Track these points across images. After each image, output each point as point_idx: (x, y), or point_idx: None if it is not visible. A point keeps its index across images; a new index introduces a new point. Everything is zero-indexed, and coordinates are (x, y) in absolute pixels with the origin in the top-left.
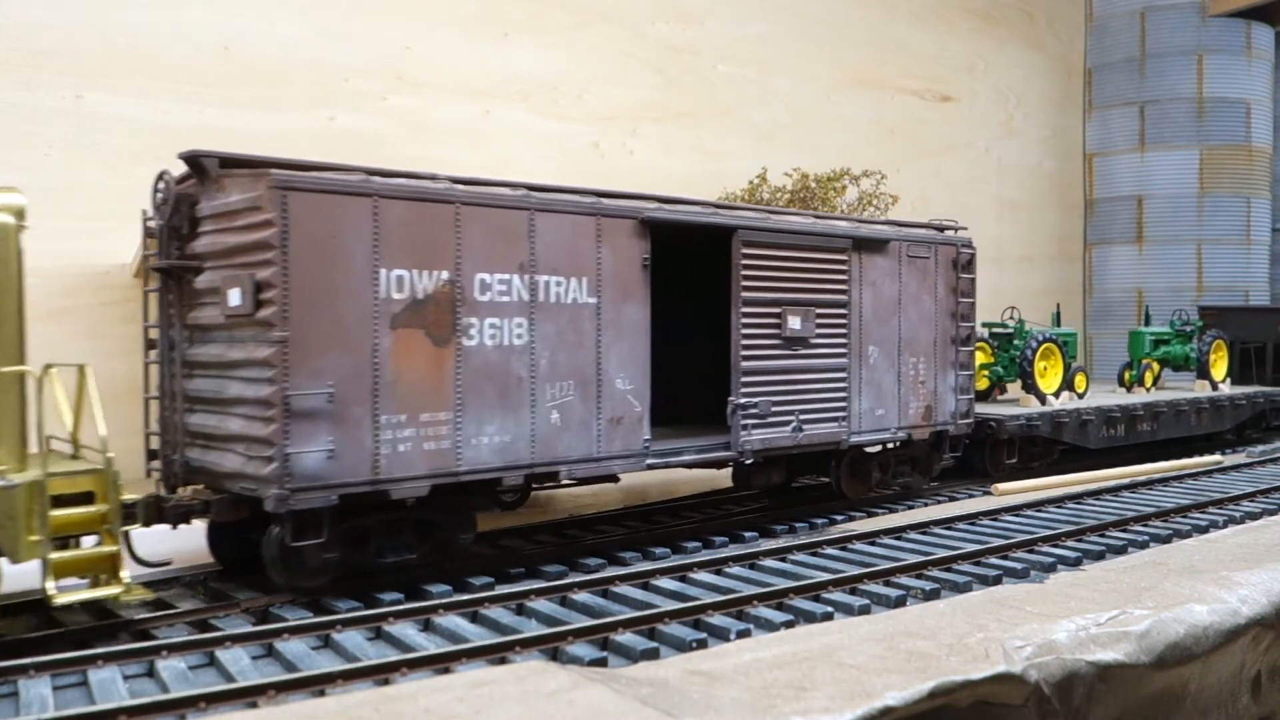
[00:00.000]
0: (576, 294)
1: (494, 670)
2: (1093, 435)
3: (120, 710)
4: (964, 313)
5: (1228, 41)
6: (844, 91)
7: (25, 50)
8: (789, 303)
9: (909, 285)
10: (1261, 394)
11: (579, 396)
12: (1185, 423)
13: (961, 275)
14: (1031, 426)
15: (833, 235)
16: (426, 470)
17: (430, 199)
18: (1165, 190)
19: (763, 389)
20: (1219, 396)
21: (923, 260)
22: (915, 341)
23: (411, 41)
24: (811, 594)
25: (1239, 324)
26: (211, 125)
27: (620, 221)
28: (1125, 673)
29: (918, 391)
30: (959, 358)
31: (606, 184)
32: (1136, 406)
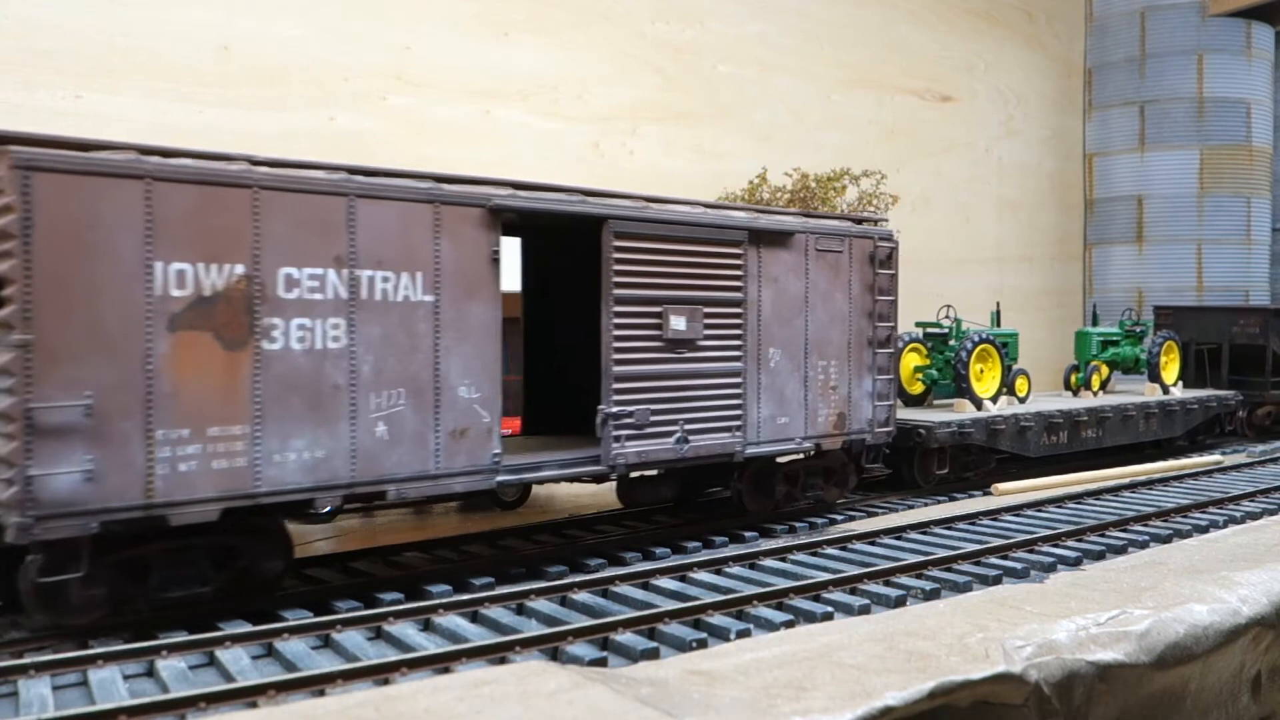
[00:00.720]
0: (409, 291)
1: (494, 670)
2: (1032, 443)
3: (120, 710)
4: (883, 312)
5: (1228, 41)
6: (844, 91)
7: (25, 50)
8: (672, 301)
9: (818, 282)
10: (1214, 397)
11: (412, 406)
12: (1133, 428)
13: (880, 271)
14: (964, 434)
15: (724, 227)
16: (216, 492)
17: (221, 183)
18: (1165, 190)
19: (640, 396)
20: (1169, 401)
21: (834, 255)
22: (825, 343)
23: (411, 41)
24: (811, 594)
25: (1194, 324)
26: (211, 125)
27: (463, 210)
28: (1125, 673)
29: (828, 398)
30: (877, 361)
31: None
32: (1080, 412)
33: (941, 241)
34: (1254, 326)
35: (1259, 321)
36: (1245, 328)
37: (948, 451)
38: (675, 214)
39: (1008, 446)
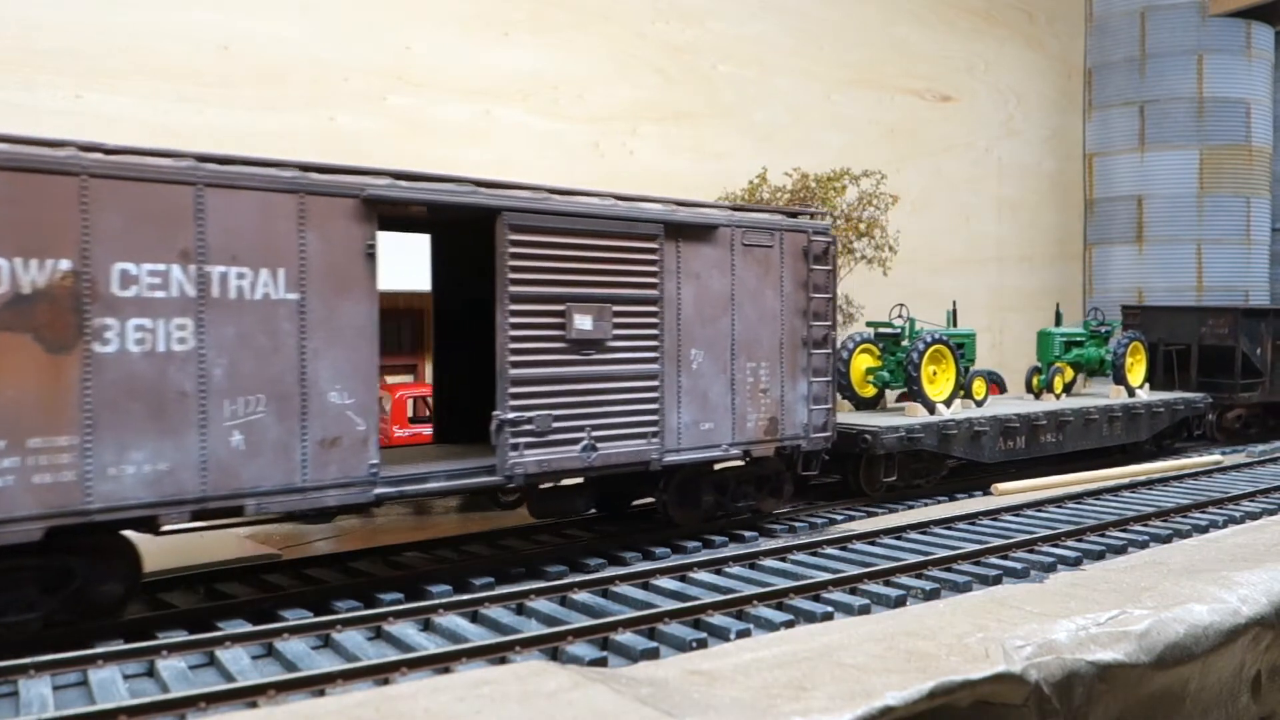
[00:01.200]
0: (269, 288)
1: (494, 670)
2: (987, 448)
3: (120, 710)
4: (819, 310)
5: (1228, 41)
6: (844, 91)
7: (25, 50)
8: (577, 299)
9: (745, 279)
10: (1182, 400)
11: (274, 414)
12: (1095, 433)
13: (814, 267)
14: (912, 439)
15: (636, 220)
16: (38, 509)
17: (39, 169)
18: (1165, 190)
19: (541, 401)
20: (1134, 404)
21: (764, 250)
22: (755, 344)
23: (411, 41)
24: (811, 594)
25: (1162, 325)
26: (211, 125)
27: (333, 200)
28: (1125, 672)
29: (758, 402)
30: (813, 362)
31: (608, 184)
32: (1038, 415)
33: (941, 241)
34: (1223, 327)
35: (1228, 322)
36: (1214, 328)
37: (895, 458)
38: (580, 206)
39: (961, 452)
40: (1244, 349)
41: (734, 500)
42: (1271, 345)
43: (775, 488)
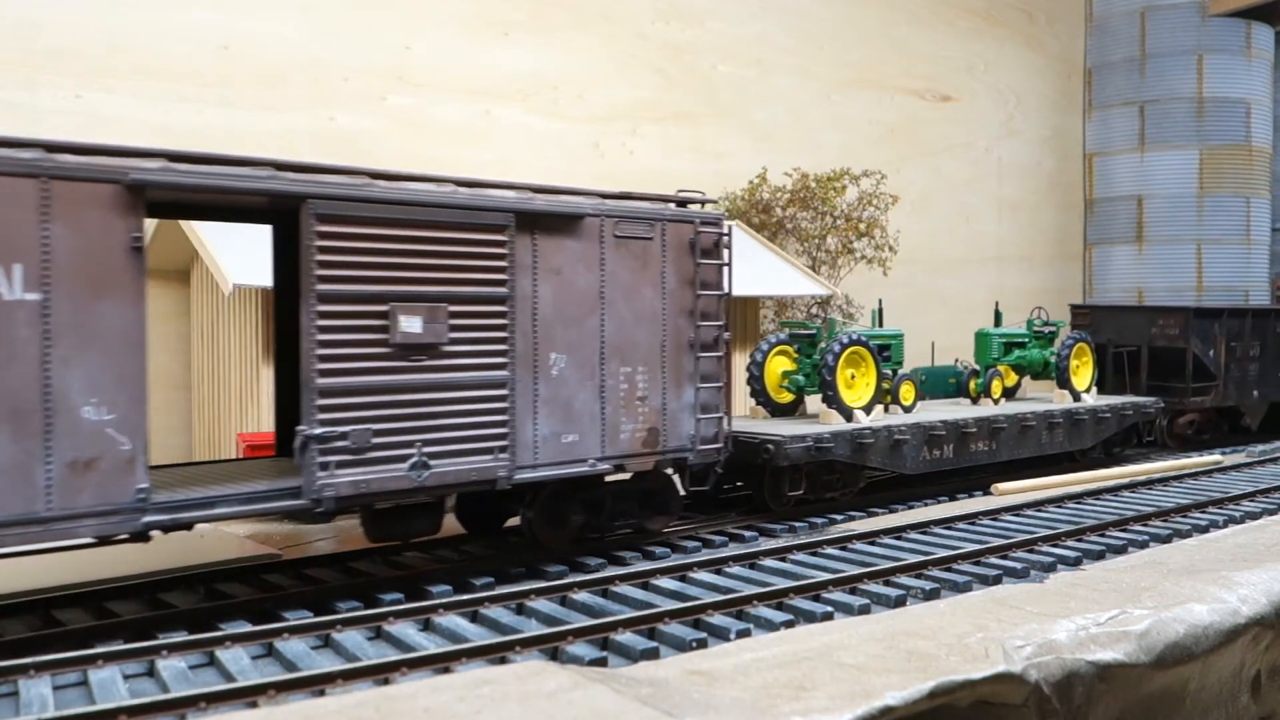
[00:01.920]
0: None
1: (494, 670)
2: (909, 458)
3: (120, 710)
4: (708, 310)
5: (1228, 41)
6: (844, 91)
7: (25, 50)
8: (403, 298)
9: (619, 274)
10: (1131, 404)
11: (6, 433)
12: (1034, 440)
13: (703, 262)
14: (821, 449)
15: (478, 209)
16: None
17: None
18: (1165, 190)
19: (359, 414)
20: (1077, 409)
21: (641, 243)
22: (630, 347)
23: (411, 41)
24: (811, 594)
25: (1112, 325)
26: (211, 125)
27: (86, 186)
28: (1125, 672)
29: (635, 411)
30: (700, 367)
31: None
32: (967, 422)
33: (941, 241)
34: (1174, 328)
35: (1179, 322)
36: (1165, 329)
37: (802, 470)
38: (408, 193)
39: (880, 463)
40: (1196, 351)
41: (612, 519)
42: (1225, 347)
43: (662, 504)
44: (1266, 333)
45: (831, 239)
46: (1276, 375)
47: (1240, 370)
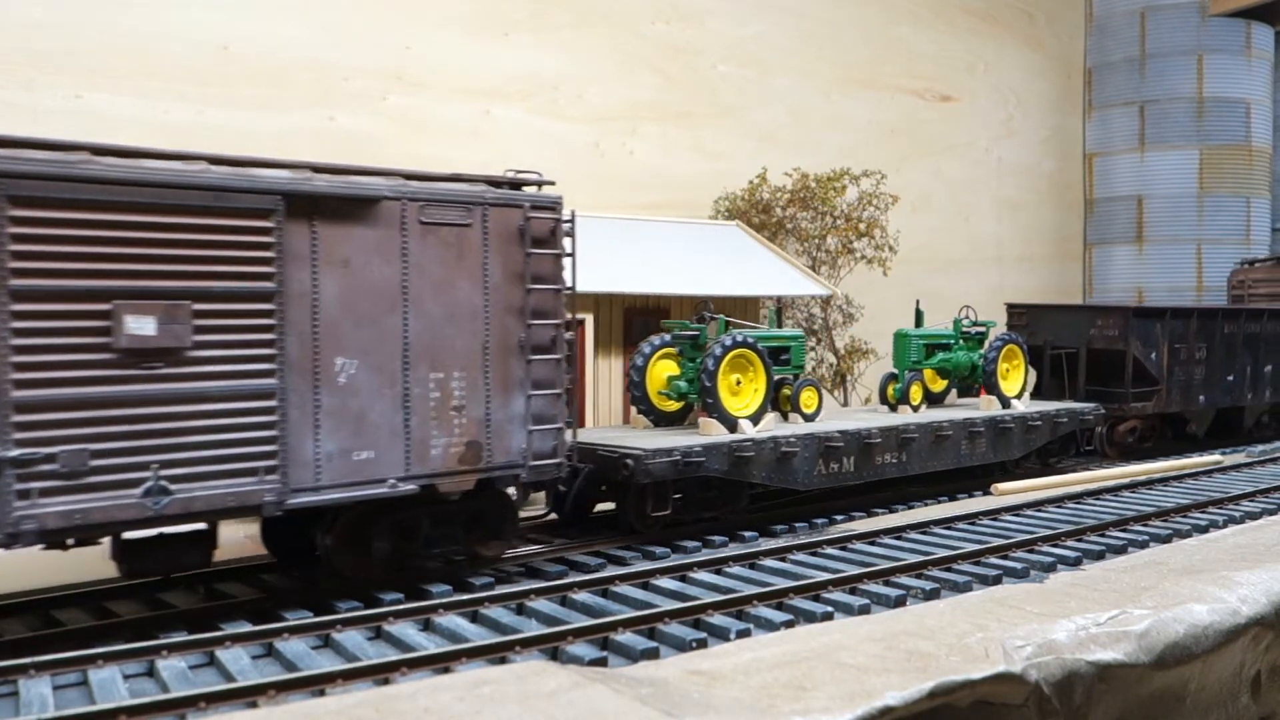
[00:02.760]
0: None
1: (494, 670)
2: (801, 472)
3: (120, 710)
4: (542, 307)
5: (1228, 41)
6: (844, 91)
7: (25, 50)
8: (132, 295)
9: (427, 267)
10: (1065, 411)
11: None
12: (951, 451)
13: (536, 252)
14: (691, 464)
15: (235, 190)
16: None
17: None
18: (1165, 190)
19: (71, 431)
20: (1002, 416)
21: (456, 230)
22: (442, 350)
23: (411, 41)
24: (811, 594)
25: (1050, 326)
26: (211, 125)
27: None
28: (1125, 672)
29: (449, 422)
30: (534, 372)
31: (608, 185)
32: (871, 432)
33: (941, 241)
34: (1113, 328)
35: (1118, 323)
36: (1103, 330)
37: (670, 487)
38: (137, 172)
39: (765, 478)
40: (1136, 353)
41: (432, 545)
42: (1168, 349)
43: (494, 528)
44: (1213, 334)
45: (831, 239)
46: (1224, 379)
47: (1185, 374)
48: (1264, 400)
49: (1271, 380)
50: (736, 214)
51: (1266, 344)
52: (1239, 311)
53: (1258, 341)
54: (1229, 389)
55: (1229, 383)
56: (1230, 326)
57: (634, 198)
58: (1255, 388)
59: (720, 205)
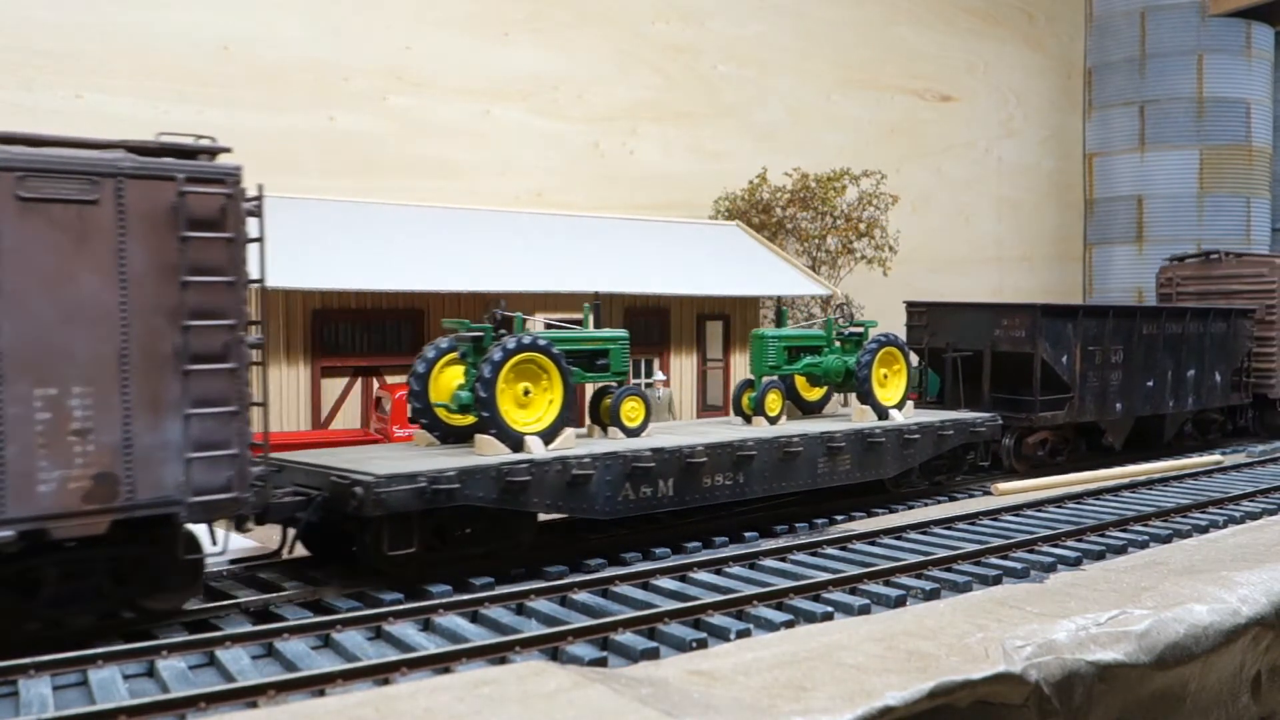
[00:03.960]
0: None
1: (494, 670)
2: (600, 498)
3: (120, 710)
4: (209, 306)
5: (1228, 41)
6: (844, 91)
7: (25, 50)
8: None
9: (30, 255)
10: (952, 422)
11: None
12: (804, 471)
13: (195, 236)
14: (442, 492)
15: None
16: None
17: None
18: (1165, 190)
19: None
20: (872, 429)
21: (74, 208)
22: (55, 360)
23: (411, 41)
24: (811, 594)
25: (953, 326)
26: (211, 125)
27: None
28: (1125, 672)
29: (66, 451)
30: (193, 388)
31: (608, 185)
32: (695, 450)
33: (941, 241)
34: (1020, 329)
35: (1025, 323)
36: (1009, 331)
37: (415, 520)
38: None
39: (551, 505)
40: (1045, 356)
41: (64, 603)
42: (1081, 352)
43: (157, 577)
44: (1132, 336)
45: (831, 239)
46: (1143, 385)
47: (1100, 380)
48: (1187, 408)
49: (1195, 386)
50: (736, 214)
51: (1190, 346)
52: (1159, 311)
53: (1180, 344)
54: (1149, 396)
55: (1149, 389)
56: (1150, 327)
57: (634, 198)
58: (1177, 394)
59: (720, 205)
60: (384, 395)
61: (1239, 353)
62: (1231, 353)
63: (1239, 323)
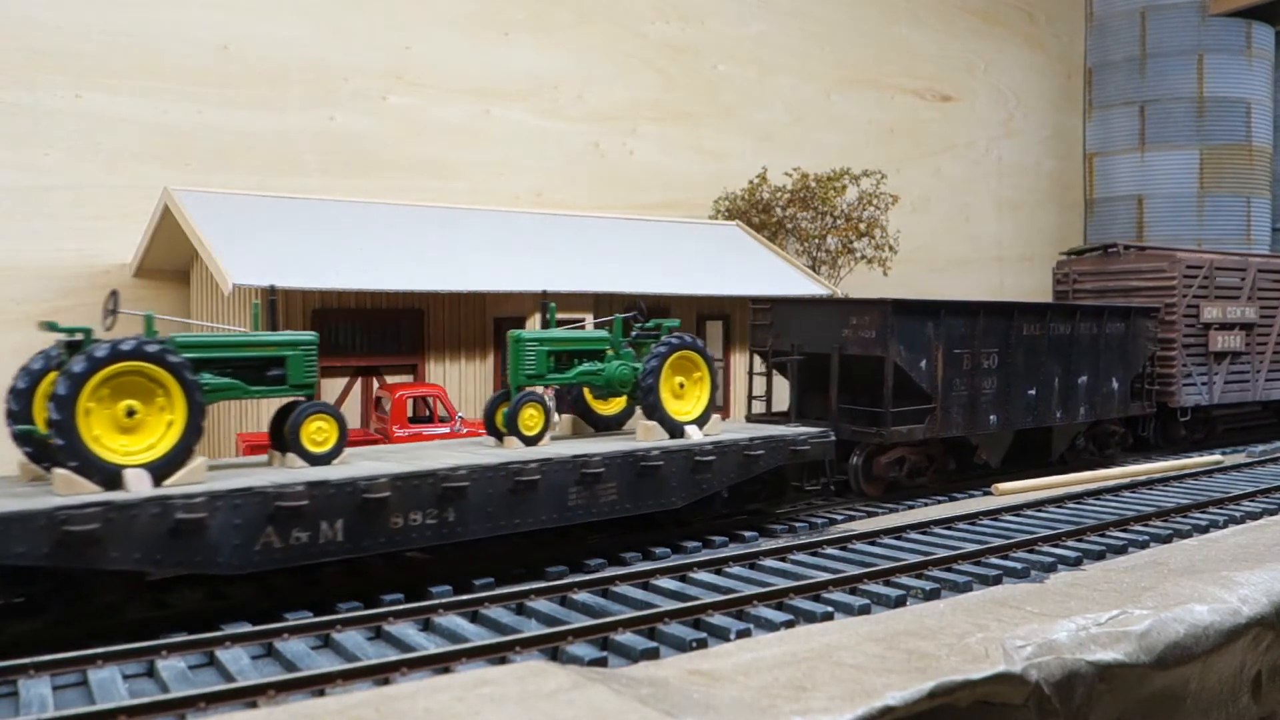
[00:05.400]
0: None
1: (494, 670)
2: (224, 548)
3: (120, 710)
4: None
5: (1228, 41)
6: (844, 91)
7: (25, 50)
8: None
9: None
10: (764, 440)
11: None
12: (548, 503)
13: None
14: None
15: None
16: None
17: None
18: (1165, 190)
19: None
20: (648, 451)
21: None
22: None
23: (411, 41)
24: (812, 594)
25: (800, 327)
26: (211, 125)
27: None
28: (1125, 673)
29: None
30: None
31: (608, 185)
32: (377, 483)
33: (941, 241)
34: (869, 329)
35: (875, 321)
36: (858, 331)
37: None
38: None
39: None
40: (899, 361)
41: None
42: (944, 356)
43: None
44: (1009, 338)
45: (831, 239)
46: (1024, 394)
47: (969, 388)
48: (1079, 419)
49: (1088, 395)
50: (736, 214)
51: (1082, 350)
52: (1044, 309)
53: (1070, 347)
54: (1032, 407)
55: (1031, 399)
56: (1032, 328)
57: (634, 198)
58: (1067, 405)
59: (720, 205)
60: (384, 395)
61: (1140, 357)
62: (1131, 357)
63: (1140, 323)
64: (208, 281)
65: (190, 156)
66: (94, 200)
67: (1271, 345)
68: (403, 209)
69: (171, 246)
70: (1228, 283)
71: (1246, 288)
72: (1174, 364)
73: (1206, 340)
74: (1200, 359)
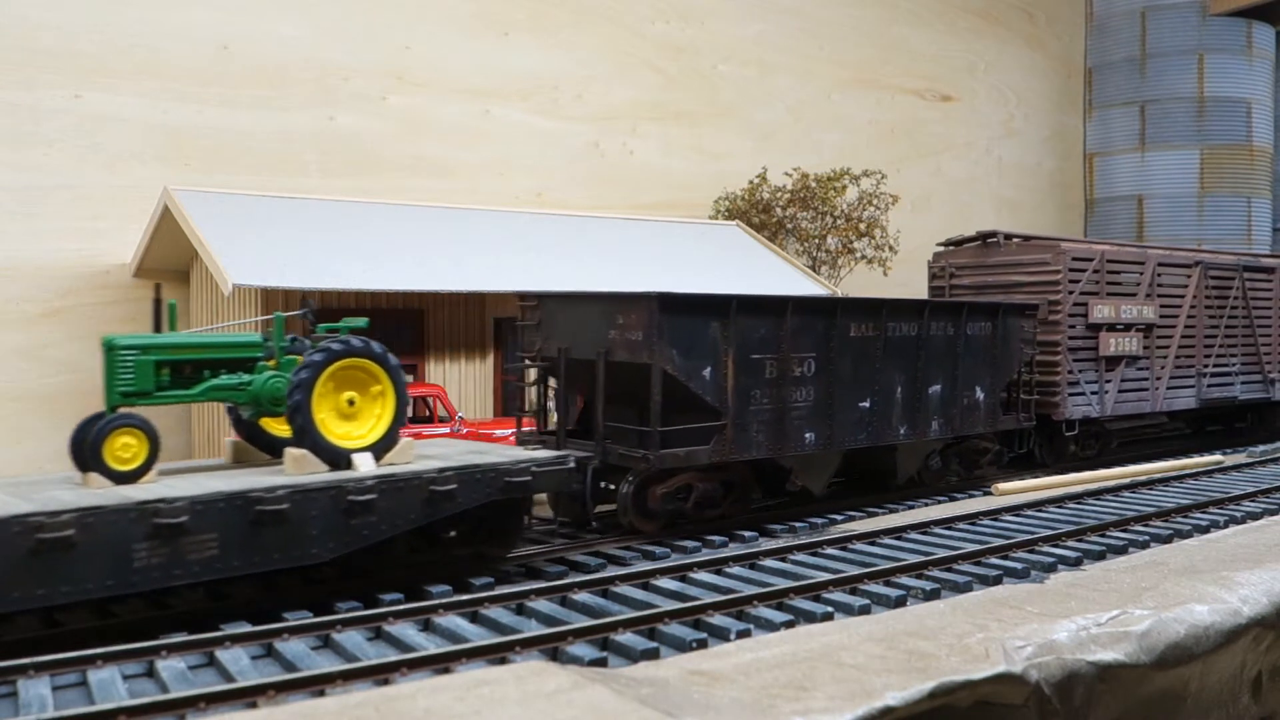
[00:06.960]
0: None
1: (494, 670)
2: None
3: (120, 710)
4: None
5: (1228, 41)
6: (844, 91)
7: (25, 50)
8: None
9: None
10: (457, 471)
11: None
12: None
13: None
14: None
15: None
16: None
17: None
18: (1165, 190)
19: None
20: (272, 491)
21: None
22: None
23: (411, 41)
24: (812, 594)
25: (568, 327)
26: (211, 125)
27: None
28: (1126, 673)
29: None
30: None
31: (608, 185)
32: None
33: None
34: (635, 330)
35: (641, 320)
36: (625, 332)
37: None
38: None
39: None
40: (669, 369)
41: None
42: (735, 362)
43: None
44: (830, 340)
45: (831, 239)
46: (854, 407)
47: (775, 401)
48: (930, 436)
49: (942, 407)
50: (736, 214)
51: (932, 354)
52: (877, 305)
53: (917, 350)
54: (864, 422)
55: (864, 412)
56: (862, 328)
57: (634, 198)
58: (913, 419)
59: (720, 205)
60: None
61: (1013, 362)
62: (1001, 362)
63: (1011, 322)
64: (208, 281)
65: (190, 156)
66: (94, 200)
67: (1174, 349)
68: (402, 209)
69: (171, 246)
70: (1123, 278)
71: (1145, 284)
72: (1058, 370)
73: (1097, 343)
74: (1090, 365)
